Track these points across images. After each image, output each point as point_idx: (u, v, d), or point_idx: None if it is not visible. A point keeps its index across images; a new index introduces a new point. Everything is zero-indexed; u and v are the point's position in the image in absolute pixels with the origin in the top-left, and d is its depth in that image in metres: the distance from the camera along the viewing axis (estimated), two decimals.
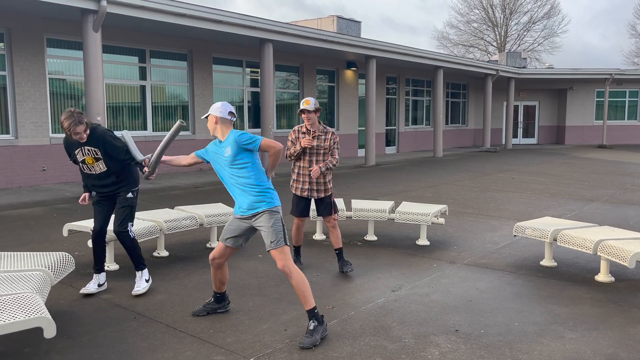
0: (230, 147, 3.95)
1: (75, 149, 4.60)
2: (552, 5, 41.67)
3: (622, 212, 8.95)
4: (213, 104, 4.25)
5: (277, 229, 3.90)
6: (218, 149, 4.05)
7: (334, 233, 5.45)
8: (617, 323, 4.21)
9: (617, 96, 27.25)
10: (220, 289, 4.29)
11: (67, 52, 11.75)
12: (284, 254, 3.86)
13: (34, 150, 11.15)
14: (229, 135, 4.01)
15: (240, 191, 3.98)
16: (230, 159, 3.95)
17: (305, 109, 5.22)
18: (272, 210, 3.97)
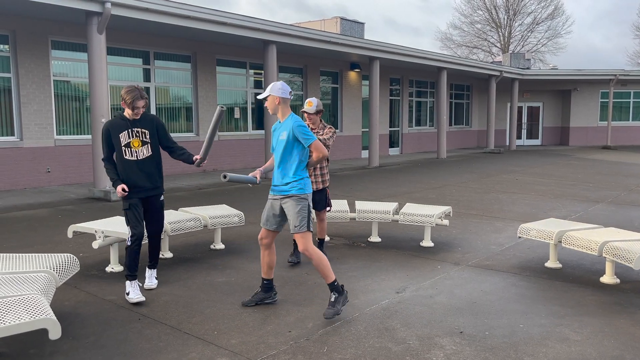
0: (287, 132, 4.30)
1: (121, 131, 4.58)
2: (555, 6, 41.63)
3: (627, 214, 8.92)
4: (272, 84, 4.37)
5: (302, 215, 4.25)
6: (276, 130, 4.44)
7: (321, 225, 5.92)
8: (622, 325, 4.19)
9: (621, 97, 27.16)
10: (268, 274, 4.52)
11: (71, 54, 11.79)
12: (305, 239, 4.24)
13: (38, 152, 11.20)
14: (288, 117, 4.36)
15: (280, 171, 4.36)
16: (283, 142, 4.31)
17: (307, 111, 5.55)
18: (301, 196, 4.29)
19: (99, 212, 8.49)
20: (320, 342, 3.83)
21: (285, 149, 4.31)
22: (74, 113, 11.96)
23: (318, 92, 17.83)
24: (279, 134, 4.38)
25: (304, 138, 4.27)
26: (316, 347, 3.76)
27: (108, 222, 5.72)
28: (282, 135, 4.32)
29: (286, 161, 4.33)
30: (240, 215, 6.45)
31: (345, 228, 7.60)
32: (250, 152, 15.67)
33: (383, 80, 20.03)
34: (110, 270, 5.44)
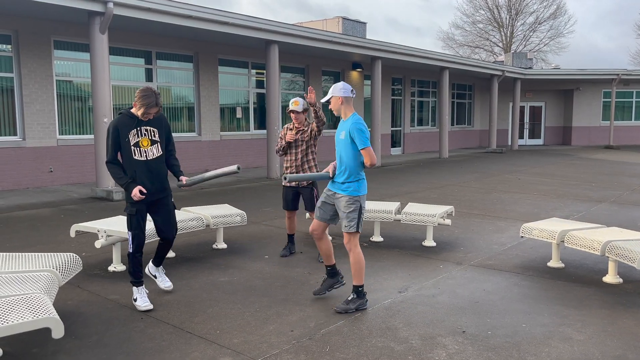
0: (345, 132, 4.43)
1: (130, 130, 4.30)
2: (558, 5, 41.55)
3: (630, 213, 8.90)
4: (333, 86, 4.52)
5: (353, 217, 4.42)
6: (339, 128, 4.55)
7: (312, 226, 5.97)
8: (625, 325, 4.18)
9: (624, 97, 27.10)
10: (329, 261, 4.69)
11: (74, 54, 11.81)
12: (352, 237, 4.44)
13: (41, 151, 11.22)
14: (350, 117, 4.48)
15: (339, 168, 4.49)
16: (342, 141, 4.46)
17: (295, 109, 5.70)
18: (354, 198, 4.42)
19: (102, 212, 8.50)
20: (323, 342, 3.83)
21: (344, 148, 4.42)
22: (77, 113, 11.98)
23: (320, 92, 17.83)
24: (339, 132, 4.51)
25: (359, 141, 4.35)
26: (318, 346, 3.76)
27: (110, 221, 5.73)
28: (341, 134, 4.46)
29: (344, 160, 4.44)
30: (243, 215, 6.45)
31: None
32: (252, 152, 15.68)
33: (385, 80, 20.02)
34: (113, 269, 5.45)
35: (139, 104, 4.30)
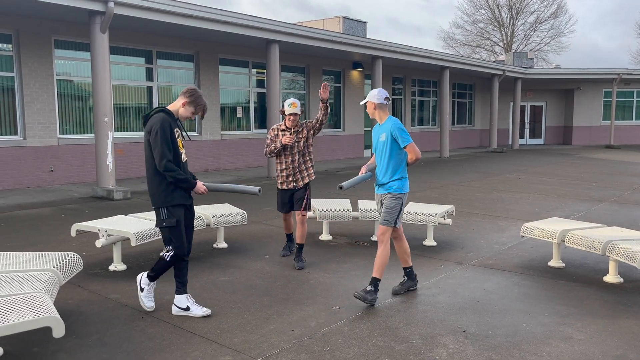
0: (386, 134, 4.69)
1: (174, 127, 4.10)
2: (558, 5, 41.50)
3: (631, 213, 8.89)
4: (370, 92, 4.79)
5: (393, 212, 4.63)
6: (376, 131, 4.81)
7: (300, 229, 5.67)
8: (625, 324, 4.18)
9: (624, 96, 27.08)
10: (406, 262, 4.89)
11: (74, 54, 11.82)
12: (387, 231, 4.65)
13: (41, 151, 11.22)
14: (387, 120, 4.76)
15: (381, 171, 4.75)
16: (383, 143, 4.71)
17: (294, 112, 5.52)
18: (397, 195, 4.67)
19: (102, 211, 8.50)
20: (323, 341, 3.83)
21: (385, 149, 4.69)
22: (77, 112, 11.98)
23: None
24: (378, 135, 4.77)
25: (402, 139, 4.61)
26: (319, 345, 3.76)
27: (111, 220, 5.73)
28: (381, 137, 4.73)
29: (386, 161, 4.70)
30: (243, 214, 6.45)
31: (348, 227, 7.60)
32: (252, 152, 15.68)
33: (385, 79, 20.01)
34: (114, 268, 5.46)
35: (192, 104, 4.08)
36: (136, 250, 6.20)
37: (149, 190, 4.17)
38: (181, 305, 4.24)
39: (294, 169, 5.63)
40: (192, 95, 4.12)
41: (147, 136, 4.03)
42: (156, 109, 4.13)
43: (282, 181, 5.70)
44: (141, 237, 5.25)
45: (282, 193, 5.76)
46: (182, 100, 4.13)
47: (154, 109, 4.14)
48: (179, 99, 4.16)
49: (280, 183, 5.71)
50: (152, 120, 4.04)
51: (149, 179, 4.13)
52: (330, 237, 6.93)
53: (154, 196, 4.11)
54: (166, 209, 4.06)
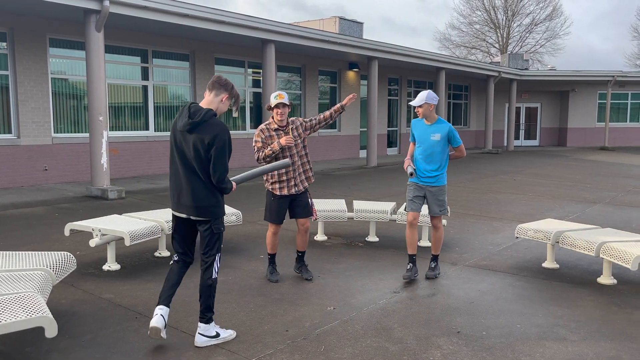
0: (441, 134, 5.24)
1: None
2: (554, 7, 41.66)
3: (625, 215, 8.93)
4: (426, 93, 5.25)
5: (444, 201, 5.31)
6: (426, 130, 5.31)
7: (304, 236, 5.20)
8: (619, 325, 4.19)
9: (619, 98, 27.21)
10: (414, 250, 5.34)
11: (69, 52, 11.77)
12: (441, 219, 5.39)
13: (35, 149, 11.17)
14: (438, 121, 5.32)
15: (429, 164, 5.27)
16: (435, 141, 5.23)
17: (282, 102, 4.87)
18: (444, 187, 5.32)
19: (96, 211, 8.47)
20: (318, 342, 3.82)
21: (437, 147, 5.23)
22: (72, 111, 11.93)
23: (317, 92, 17.82)
24: (429, 133, 5.26)
25: (455, 140, 5.29)
26: (313, 346, 3.75)
27: (105, 220, 5.71)
28: (434, 136, 5.23)
29: (436, 157, 5.24)
30: (238, 214, 6.44)
31: (343, 227, 7.60)
32: (248, 152, 15.66)
33: (381, 80, 20.03)
34: (107, 268, 5.43)
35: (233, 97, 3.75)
36: (130, 250, 6.18)
37: (198, 201, 3.64)
38: (210, 334, 3.76)
39: (295, 171, 5.03)
40: (232, 87, 3.72)
41: (204, 145, 3.54)
42: (206, 111, 3.58)
43: (281, 187, 5.00)
44: (135, 237, 5.24)
45: (279, 201, 5.02)
46: (222, 94, 3.67)
47: (203, 110, 3.58)
48: (216, 93, 3.67)
49: (279, 189, 5.00)
50: (215, 128, 3.55)
51: (200, 187, 3.63)
52: (325, 238, 6.92)
53: (213, 207, 3.68)
54: (223, 217, 3.81)
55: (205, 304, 3.74)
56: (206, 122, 3.57)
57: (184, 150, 3.64)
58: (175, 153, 3.69)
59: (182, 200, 3.69)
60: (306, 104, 17.49)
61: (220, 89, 3.68)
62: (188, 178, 3.64)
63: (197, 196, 3.64)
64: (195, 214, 3.70)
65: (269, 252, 5.24)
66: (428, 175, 5.28)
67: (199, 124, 3.56)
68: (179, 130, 3.64)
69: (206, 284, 3.74)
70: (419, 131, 5.38)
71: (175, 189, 3.73)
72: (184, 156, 3.64)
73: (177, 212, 3.76)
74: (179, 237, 3.87)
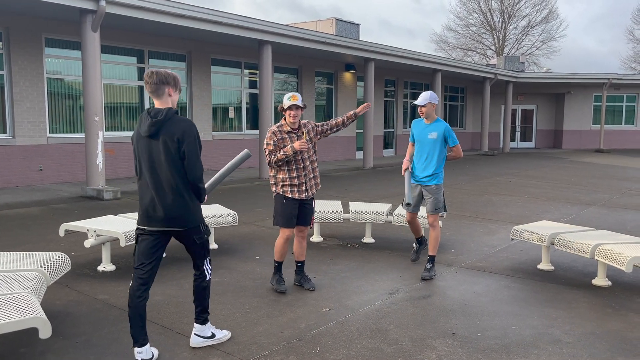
0: (437, 133, 5.37)
1: None
2: (550, 9, 41.80)
3: (620, 217, 8.96)
4: (429, 94, 5.41)
5: (441, 200, 5.42)
6: (425, 129, 5.46)
7: (302, 243, 5.00)
8: (614, 327, 4.21)
9: (614, 101, 27.32)
10: (417, 233, 5.83)
11: (65, 52, 11.73)
12: (437, 217, 5.43)
13: (31, 149, 11.13)
14: (436, 121, 5.46)
15: (425, 163, 5.42)
16: (433, 140, 5.38)
17: (295, 104, 4.70)
18: (441, 185, 5.45)
19: (92, 211, 8.44)
20: (313, 343, 3.82)
21: (435, 146, 5.38)
22: (67, 111, 11.90)
23: (313, 93, 17.82)
24: (427, 132, 5.41)
25: (452, 139, 5.42)
26: (308, 347, 3.75)
27: (100, 220, 5.69)
28: (432, 134, 5.38)
29: (432, 156, 5.39)
30: (234, 215, 6.43)
31: (339, 229, 7.60)
32: None
33: (378, 81, 20.05)
34: (102, 269, 5.41)
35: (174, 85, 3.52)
36: (125, 250, 6.16)
37: (173, 210, 3.41)
38: (205, 334, 3.74)
39: (306, 176, 4.84)
40: (162, 75, 3.44)
41: (174, 142, 3.36)
42: (167, 110, 3.41)
43: (292, 190, 4.79)
44: (131, 238, 5.22)
45: (291, 203, 4.78)
46: (165, 89, 3.44)
47: (163, 109, 3.41)
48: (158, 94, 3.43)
49: (291, 192, 4.78)
50: (182, 125, 3.39)
51: (173, 194, 3.41)
52: (321, 239, 6.92)
53: (191, 213, 3.48)
54: (202, 224, 3.59)
55: (201, 306, 3.72)
56: (170, 120, 3.39)
57: (152, 158, 3.40)
58: (142, 164, 3.44)
59: (156, 213, 3.42)
60: None
61: (159, 86, 3.41)
62: (159, 188, 3.40)
63: (177, 205, 3.41)
64: (174, 225, 3.45)
65: (277, 260, 4.92)
66: (426, 173, 5.42)
67: (162, 124, 3.37)
68: (143, 136, 3.41)
69: (200, 286, 3.70)
70: (418, 130, 5.55)
71: (146, 203, 3.44)
72: (153, 165, 3.40)
73: (148, 226, 3.45)
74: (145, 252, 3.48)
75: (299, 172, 4.79)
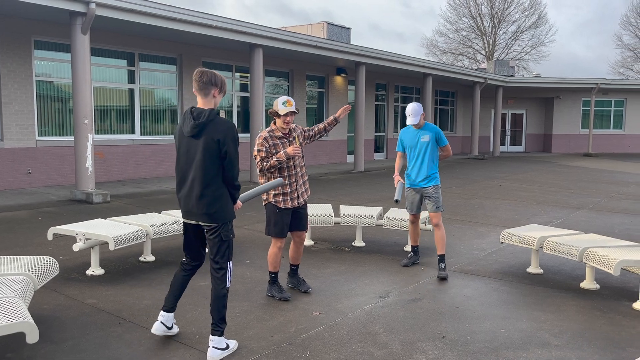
0: (430, 135, 5.58)
1: None
2: (539, 15, 42.22)
3: (608, 220, 9.04)
4: (416, 107, 5.52)
5: (439, 200, 5.63)
6: (416, 134, 5.63)
7: (299, 248, 4.95)
8: (602, 330, 4.24)
9: (602, 105, 27.60)
10: (415, 242, 5.97)
11: (55, 55, 11.66)
12: (440, 215, 5.64)
13: (19, 152, 11.03)
14: (425, 125, 5.64)
15: (420, 167, 5.61)
16: (425, 143, 5.56)
17: (292, 110, 4.59)
18: (438, 186, 5.66)
19: (81, 215, 8.38)
20: (303, 347, 3.81)
21: (428, 148, 5.57)
22: (57, 114, 11.81)
23: (304, 96, 17.84)
24: (420, 136, 5.59)
25: (442, 140, 5.63)
26: (299, 351, 3.74)
27: (89, 224, 5.65)
28: (424, 137, 5.57)
29: (425, 158, 5.58)
30: None
31: (330, 232, 7.60)
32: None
33: (369, 85, 20.11)
34: (91, 273, 5.37)
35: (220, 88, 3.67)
36: (114, 254, 6.12)
37: (206, 207, 3.57)
38: (222, 346, 3.64)
39: (297, 182, 4.74)
40: (214, 76, 3.60)
41: (215, 144, 3.50)
42: (209, 111, 3.55)
43: (285, 199, 4.67)
44: (120, 242, 5.19)
45: (283, 213, 4.68)
46: (212, 90, 3.59)
47: (205, 111, 3.55)
48: (205, 93, 3.58)
49: (284, 201, 4.67)
50: (224, 126, 3.53)
51: (209, 192, 3.57)
52: (312, 242, 6.91)
53: (221, 212, 3.61)
54: (230, 223, 3.69)
55: (219, 315, 3.62)
56: (212, 122, 3.54)
57: (192, 156, 3.59)
58: (182, 160, 3.64)
59: (191, 207, 3.63)
60: None
61: (207, 86, 3.58)
62: (195, 184, 3.59)
63: (205, 202, 3.58)
64: (204, 221, 3.63)
65: (272, 271, 4.79)
66: (423, 176, 5.63)
67: (205, 125, 3.53)
68: (186, 136, 3.61)
69: (220, 294, 3.63)
70: (408, 137, 5.71)
71: (184, 196, 3.66)
72: (192, 162, 3.59)
73: (186, 219, 3.72)
74: (188, 243, 3.84)
75: (291, 179, 4.68)
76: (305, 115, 17.98)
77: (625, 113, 27.80)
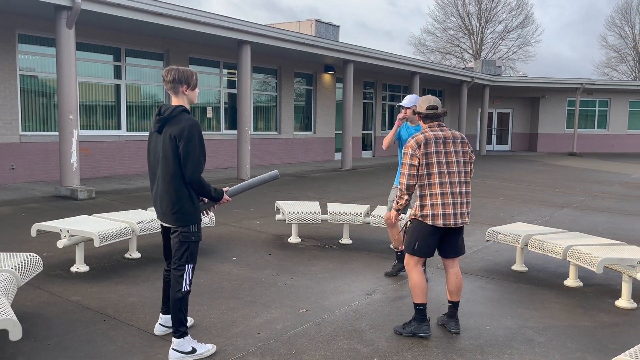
0: None
1: None
2: (526, 15, 42.56)
3: (591, 219, 9.16)
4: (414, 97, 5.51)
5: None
6: (411, 131, 5.70)
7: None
8: (584, 327, 4.30)
9: (587, 105, 27.92)
10: (400, 242, 5.48)
11: (39, 49, 11.50)
12: None
13: (2, 148, 10.87)
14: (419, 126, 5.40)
15: None
16: None
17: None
18: None
19: (65, 211, 8.29)
20: (289, 344, 3.82)
21: None
22: (41, 109, 11.66)
23: (292, 94, 17.81)
24: (412, 134, 5.52)
25: None
26: (285, 348, 3.74)
27: (74, 221, 5.59)
28: None
29: None
30: (211, 216, 6.38)
31: (317, 230, 7.60)
32: (222, 153, 15.55)
33: (357, 83, 20.13)
34: (75, 270, 5.32)
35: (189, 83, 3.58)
36: (99, 251, 6.07)
37: (167, 207, 3.49)
38: (184, 349, 3.52)
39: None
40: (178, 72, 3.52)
41: (172, 140, 3.42)
42: (175, 107, 3.50)
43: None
44: (105, 238, 5.14)
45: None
46: (179, 87, 3.53)
47: (171, 106, 3.51)
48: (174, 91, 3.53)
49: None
50: (183, 122, 3.43)
51: (169, 191, 3.47)
52: (299, 240, 6.91)
53: (180, 213, 3.48)
54: (197, 225, 3.58)
55: (176, 318, 3.51)
56: (175, 117, 3.47)
57: (156, 153, 3.54)
58: (151, 156, 3.61)
59: (157, 207, 3.58)
60: (282, 106, 17.46)
61: (174, 84, 3.50)
62: (159, 183, 3.53)
63: (167, 202, 3.49)
64: (165, 221, 3.58)
65: None
66: None
67: (167, 120, 3.47)
68: (152, 132, 3.60)
69: (175, 297, 3.51)
70: (405, 132, 5.78)
71: (154, 195, 3.62)
72: (156, 160, 3.54)
73: (159, 220, 3.68)
74: (165, 246, 3.81)
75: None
76: (293, 112, 17.95)
77: (610, 113, 28.16)
